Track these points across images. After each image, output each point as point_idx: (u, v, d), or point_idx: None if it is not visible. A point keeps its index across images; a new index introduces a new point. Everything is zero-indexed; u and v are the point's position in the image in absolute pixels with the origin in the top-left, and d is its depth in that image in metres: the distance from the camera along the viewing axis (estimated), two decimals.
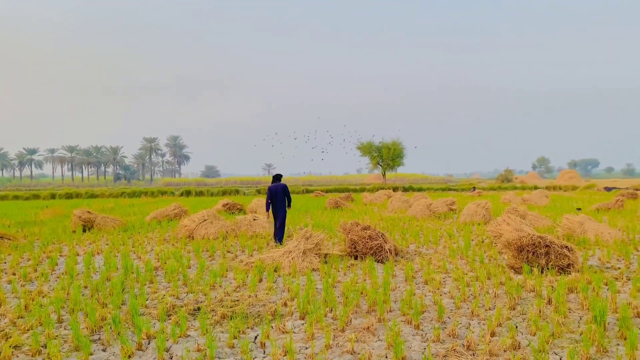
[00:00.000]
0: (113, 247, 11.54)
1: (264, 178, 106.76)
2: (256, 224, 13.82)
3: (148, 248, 11.59)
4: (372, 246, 9.39)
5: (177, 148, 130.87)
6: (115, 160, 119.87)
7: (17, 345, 4.81)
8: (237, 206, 21.85)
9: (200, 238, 12.78)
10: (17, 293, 7.11)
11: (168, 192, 45.00)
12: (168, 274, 8.04)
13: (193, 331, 5.21)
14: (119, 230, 15.12)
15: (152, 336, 5.01)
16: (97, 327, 5.33)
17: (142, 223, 17.17)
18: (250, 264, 8.78)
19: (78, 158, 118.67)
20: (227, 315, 5.68)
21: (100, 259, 10.23)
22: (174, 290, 7.01)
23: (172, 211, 18.74)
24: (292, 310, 5.89)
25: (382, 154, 59.94)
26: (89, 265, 8.91)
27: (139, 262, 9.60)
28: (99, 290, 7.05)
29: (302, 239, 9.29)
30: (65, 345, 4.83)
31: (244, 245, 11.38)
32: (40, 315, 5.67)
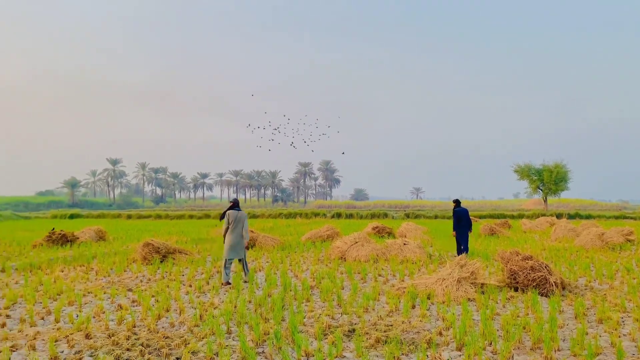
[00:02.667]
0: (273, 265, 12.32)
1: (412, 202, 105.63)
2: (407, 248, 13.70)
3: (304, 267, 12.15)
4: (535, 278, 8.71)
5: (329, 172, 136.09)
6: (274, 183, 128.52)
7: (194, 351, 5.36)
8: (386, 229, 21.90)
9: (352, 260, 13.05)
10: (193, 303, 7.94)
11: (320, 214, 46.83)
12: (323, 293, 8.33)
13: (348, 352, 5.32)
14: (277, 248, 16.11)
15: (310, 354, 5.22)
16: (261, 340, 5.71)
17: (298, 243, 18.08)
18: (403, 289, 8.71)
19: (242, 181, 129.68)
20: (382, 340, 5.69)
21: (262, 275, 10.98)
22: (329, 310, 7.24)
23: (325, 232, 19.45)
24: (448, 340, 5.70)
25: (542, 177, 55.43)
26: (252, 280, 9.63)
27: (296, 281, 10.09)
28: (261, 305, 7.57)
29: (457, 267, 8.98)
30: (234, 355, 5.26)
31: (395, 270, 11.34)
32: (212, 325, 6.26)
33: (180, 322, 6.68)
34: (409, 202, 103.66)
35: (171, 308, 7.54)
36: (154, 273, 11.21)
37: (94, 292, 8.88)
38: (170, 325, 6.53)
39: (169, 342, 5.69)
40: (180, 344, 5.58)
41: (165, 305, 7.47)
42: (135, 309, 7.50)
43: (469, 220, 13.97)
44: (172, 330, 6.27)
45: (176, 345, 5.57)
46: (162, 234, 22.84)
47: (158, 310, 7.10)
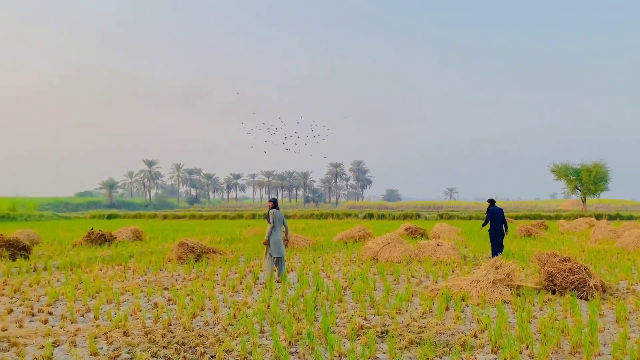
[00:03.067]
0: (305, 265, 12.37)
1: (446, 202, 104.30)
2: (440, 249, 13.54)
3: (336, 268, 12.15)
4: (573, 280, 8.48)
5: (360, 172, 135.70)
6: (305, 184, 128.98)
7: (228, 350, 5.42)
8: (419, 231, 21.69)
9: (384, 261, 12.97)
10: (227, 302, 8.04)
11: (352, 215, 46.74)
12: (355, 294, 8.31)
13: (381, 354, 5.29)
14: (309, 249, 16.16)
15: (343, 354, 5.21)
16: (294, 340, 5.74)
17: (329, 243, 18.10)
18: (436, 291, 8.61)
19: (274, 182, 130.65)
20: (415, 342, 5.64)
21: (294, 275, 11.03)
22: (361, 311, 7.22)
23: (357, 233, 19.40)
24: (483, 342, 5.60)
25: (581, 177, 53.86)
26: (285, 280, 9.69)
27: (328, 281, 10.10)
28: (294, 305, 7.60)
29: (492, 269, 8.82)
30: (267, 355, 5.30)
31: (428, 271, 11.22)
32: (246, 324, 6.32)
33: (215, 320, 6.77)
34: (442, 203, 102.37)
35: (206, 307, 7.65)
36: (189, 272, 11.40)
37: (131, 291, 9.10)
38: (205, 323, 6.64)
39: (203, 341, 5.78)
40: (214, 343, 5.66)
41: (200, 304, 7.59)
42: (170, 308, 7.64)
43: (503, 220, 13.79)
44: (207, 329, 6.36)
45: (210, 343, 5.65)
46: (197, 234, 23.22)
47: (193, 309, 7.22)
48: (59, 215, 52.09)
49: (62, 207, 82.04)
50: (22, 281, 9.99)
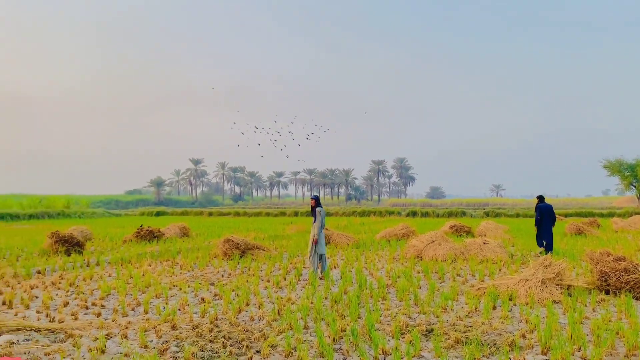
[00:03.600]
0: (347, 263, 12.36)
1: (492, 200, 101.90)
2: (486, 247, 13.24)
3: (379, 265, 12.08)
4: (628, 280, 8.11)
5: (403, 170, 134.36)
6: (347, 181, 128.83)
7: (273, 345, 5.49)
8: (464, 228, 21.29)
9: (429, 259, 12.80)
10: (271, 298, 8.14)
11: (395, 212, 46.36)
12: (399, 292, 8.25)
13: (427, 352, 5.23)
14: (352, 246, 16.14)
15: (388, 352, 5.18)
16: (338, 336, 5.75)
17: (372, 241, 18.01)
18: (483, 290, 8.43)
19: (316, 180, 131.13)
20: (461, 341, 5.54)
21: (337, 272, 11.05)
22: (405, 309, 7.15)
23: (400, 231, 19.22)
24: (532, 343, 5.44)
25: (636, 173, 51.43)
26: (328, 277, 9.72)
27: (372, 279, 10.06)
28: (337, 302, 7.61)
29: (541, 267, 8.56)
30: (311, 351, 5.33)
31: (474, 270, 11.00)
32: (290, 320, 6.38)
33: (260, 316, 6.86)
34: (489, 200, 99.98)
35: (251, 302, 7.77)
36: (234, 268, 11.60)
37: (179, 286, 9.34)
38: (250, 319, 6.74)
39: (249, 336, 5.87)
40: (259, 338, 5.74)
41: (245, 300, 7.72)
42: (217, 303, 7.80)
43: (552, 216, 13.48)
44: (252, 324, 6.46)
45: (256, 338, 5.74)
46: (241, 231, 23.60)
47: (238, 304, 7.34)
48: (110, 212, 54.06)
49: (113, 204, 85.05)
50: (77, 275, 10.42)
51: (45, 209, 44.45)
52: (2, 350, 5.31)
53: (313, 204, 10.50)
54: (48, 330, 6.17)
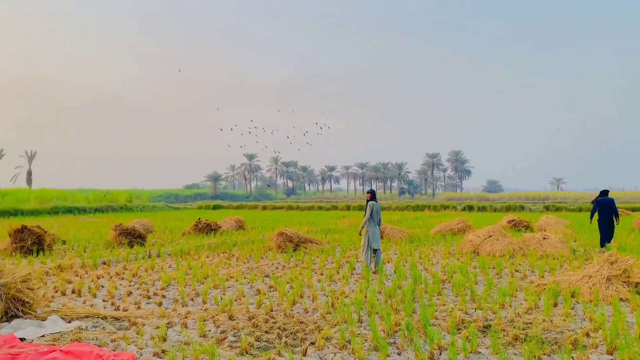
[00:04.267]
0: (401, 257, 12.25)
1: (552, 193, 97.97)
2: (547, 243, 12.77)
3: (434, 260, 11.90)
4: None
5: (459, 163, 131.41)
6: (400, 175, 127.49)
7: (327, 337, 5.53)
8: (523, 223, 20.60)
9: (486, 254, 12.49)
10: (325, 291, 8.20)
11: (450, 207, 45.47)
12: (455, 287, 8.10)
13: (484, 349, 5.11)
14: (405, 241, 15.98)
15: (443, 347, 5.11)
16: (392, 331, 5.72)
17: (426, 236, 17.76)
18: (543, 286, 8.14)
19: (368, 174, 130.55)
20: (520, 338, 5.38)
21: (390, 267, 10.98)
22: (462, 304, 7.02)
23: (456, 225, 18.84)
24: (597, 342, 5.21)
25: None
26: (382, 272, 9.67)
27: (426, 274, 9.93)
28: (391, 296, 7.57)
29: (606, 264, 8.16)
30: (365, 344, 5.33)
31: (534, 265, 10.64)
32: (344, 313, 6.40)
33: (314, 308, 6.93)
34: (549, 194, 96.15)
35: (304, 295, 7.86)
36: (287, 261, 11.76)
37: (235, 277, 9.58)
38: (304, 311, 6.81)
39: (303, 327, 5.95)
40: (314, 330, 5.80)
41: (299, 292, 7.81)
42: (272, 294, 7.94)
43: (611, 210, 13.25)
44: (306, 316, 6.53)
45: (310, 330, 5.80)
46: (294, 224, 23.86)
47: (293, 296, 7.45)
48: (170, 206, 56.03)
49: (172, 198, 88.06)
50: (139, 266, 10.88)
51: (109, 203, 46.61)
52: (73, 336, 5.64)
53: (368, 197, 10.48)
54: (113, 318, 6.48)
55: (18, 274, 6.58)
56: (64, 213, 38.75)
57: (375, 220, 10.29)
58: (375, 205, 10.30)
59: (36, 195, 43.79)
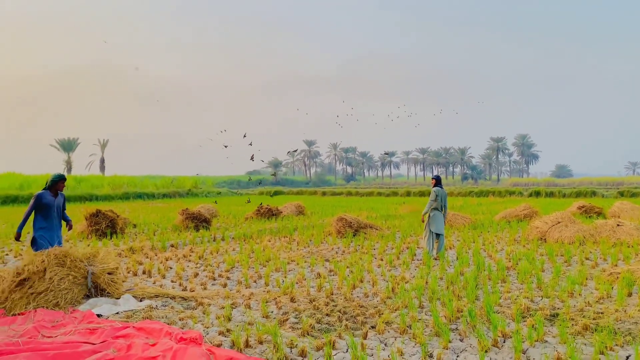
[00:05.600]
0: (464, 244, 11.99)
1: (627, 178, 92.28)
2: (621, 230, 12.08)
3: (498, 247, 11.58)
4: None
5: (525, 147, 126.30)
6: (463, 160, 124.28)
7: (388, 322, 5.53)
8: (595, 209, 19.60)
9: (554, 241, 12.00)
10: (385, 276, 8.18)
11: (516, 192, 43.92)
12: (521, 275, 7.85)
13: (551, 337, 4.94)
14: (468, 227, 15.62)
15: (507, 335, 4.98)
16: (454, 317, 5.64)
17: (490, 222, 17.28)
18: (616, 275, 7.72)
19: (429, 159, 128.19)
20: (590, 327, 5.15)
21: (452, 253, 10.78)
22: (527, 292, 6.80)
23: (522, 211, 18.20)
24: None
25: None
26: (443, 258, 9.52)
27: (490, 261, 9.68)
28: (453, 283, 7.45)
29: None
30: (427, 329, 5.29)
31: (606, 253, 10.11)
32: (404, 298, 6.37)
33: (374, 293, 6.94)
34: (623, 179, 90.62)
35: (364, 279, 7.88)
36: (347, 245, 11.82)
37: (296, 261, 9.74)
38: (364, 295, 6.84)
39: (363, 311, 5.98)
40: (374, 314, 5.81)
41: (359, 276, 7.84)
42: (332, 278, 8.02)
43: None
44: (366, 300, 6.56)
45: (371, 314, 5.82)
46: (353, 210, 23.88)
47: (353, 281, 7.48)
48: (233, 192, 57.60)
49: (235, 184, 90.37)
50: (205, 249, 11.29)
51: (176, 188, 48.52)
52: (144, 314, 5.95)
53: (433, 183, 10.33)
54: (181, 298, 6.78)
55: (107, 266, 7.00)
56: (135, 198, 40.77)
57: (440, 206, 10.11)
58: (441, 192, 10.12)
59: (109, 181, 46.29)
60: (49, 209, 7.26)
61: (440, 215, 10.12)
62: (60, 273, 6.46)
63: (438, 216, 10.09)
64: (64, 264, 6.56)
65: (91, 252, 7.16)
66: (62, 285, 6.36)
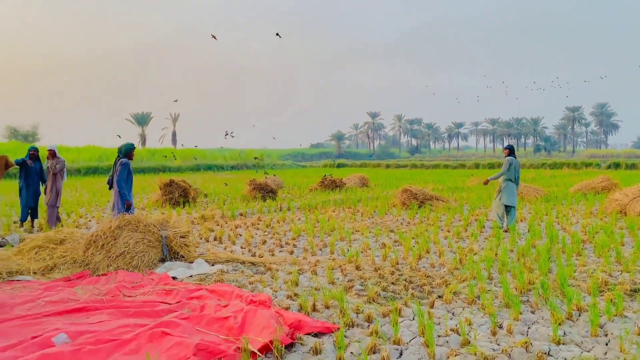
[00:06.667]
0: (536, 216, 11.53)
1: None
2: None
3: (573, 220, 11.05)
4: None
5: (604, 117, 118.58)
6: (536, 131, 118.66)
7: (455, 292, 5.45)
8: None
9: (635, 214, 11.27)
10: (452, 248, 8.04)
11: (592, 164, 41.55)
12: (597, 248, 7.46)
13: (631, 312, 4.68)
14: (541, 200, 14.99)
15: (583, 309, 4.77)
16: (525, 289, 5.46)
17: (565, 194, 16.49)
18: None
19: (499, 130, 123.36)
20: None
21: (524, 225, 10.41)
22: (605, 266, 6.46)
23: (599, 184, 17.20)
24: None
25: None
26: (514, 230, 9.21)
27: (564, 234, 9.26)
28: (524, 255, 7.20)
29: None
30: (496, 301, 5.17)
31: None
32: (472, 269, 6.23)
33: (440, 264, 6.85)
34: None
35: (430, 250, 7.78)
36: (412, 217, 11.69)
37: (360, 231, 9.77)
38: (431, 265, 6.76)
39: (430, 281, 5.92)
40: (441, 284, 5.74)
41: (425, 247, 7.75)
42: (397, 249, 7.98)
43: None
44: (433, 271, 6.48)
45: (437, 284, 5.76)
46: (418, 182, 23.53)
47: (418, 251, 7.41)
48: (297, 164, 58.34)
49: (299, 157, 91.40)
50: (272, 218, 11.55)
51: (242, 161, 49.78)
52: (216, 277, 6.21)
53: (507, 153, 9.97)
54: (250, 263, 7.00)
55: (179, 230, 7.36)
56: (205, 170, 42.25)
57: (512, 177, 9.75)
58: (514, 162, 9.74)
59: (180, 153, 48.16)
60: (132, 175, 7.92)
61: (513, 186, 9.76)
62: (135, 237, 6.84)
63: (510, 187, 9.73)
64: (137, 229, 6.94)
65: (163, 218, 7.54)
66: (138, 248, 6.74)
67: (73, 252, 6.78)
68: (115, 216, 7.33)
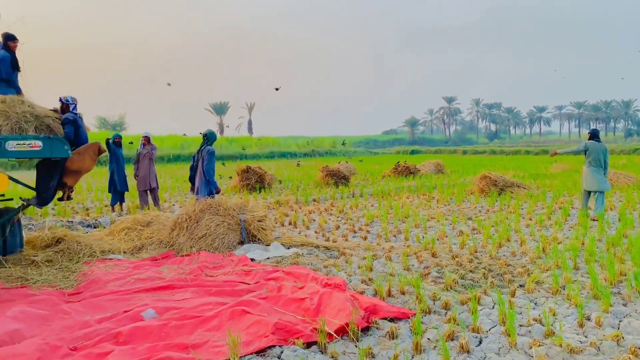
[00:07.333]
0: (627, 204, 10.75)
1: None
2: None
3: None
4: None
5: None
6: (627, 114, 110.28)
7: (538, 282, 5.21)
8: None
9: None
10: (534, 236, 7.68)
11: None
12: None
13: None
14: (633, 187, 13.96)
15: None
16: (616, 280, 5.12)
17: None
18: None
19: (586, 114, 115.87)
20: None
21: (613, 214, 9.76)
22: None
23: None
24: None
25: None
26: (602, 219, 8.65)
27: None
28: (615, 245, 6.75)
29: None
30: (583, 291, 4.88)
31: None
32: (557, 259, 5.93)
33: (522, 252, 6.57)
34: None
35: (511, 238, 7.48)
36: (492, 204, 11.29)
37: (436, 218, 9.57)
38: (511, 254, 6.50)
39: (510, 270, 5.70)
40: (522, 273, 5.51)
41: (506, 235, 7.45)
42: (475, 237, 7.74)
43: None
44: (514, 260, 6.23)
45: (518, 273, 5.53)
46: (498, 169, 22.63)
47: (498, 239, 7.15)
48: (370, 151, 58.08)
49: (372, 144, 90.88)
50: (345, 204, 11.59)
51: (315, 148, 50.27)
52: (292, 260, 6.33)
53: (588, 137, 9.40)
54: (325, 248, 7.07)
55: (257, 214, 7.59)
56: (279, 157, 43.13)
57: (593, 161, 9.13)
58: (594, 145, 9.13)
59: (256, 141, 49.45)
60: None
61: (593, 171, 9.12)
62: (216, 220, 7.11)
63: (592, 172, 9.12)
64: (218, 212, 7.22)
65: (241, 202, 7.78)
66: (219, 230, 7.01)
67: (159, 234, 7.19)
68: (198, 200, 7.66)
